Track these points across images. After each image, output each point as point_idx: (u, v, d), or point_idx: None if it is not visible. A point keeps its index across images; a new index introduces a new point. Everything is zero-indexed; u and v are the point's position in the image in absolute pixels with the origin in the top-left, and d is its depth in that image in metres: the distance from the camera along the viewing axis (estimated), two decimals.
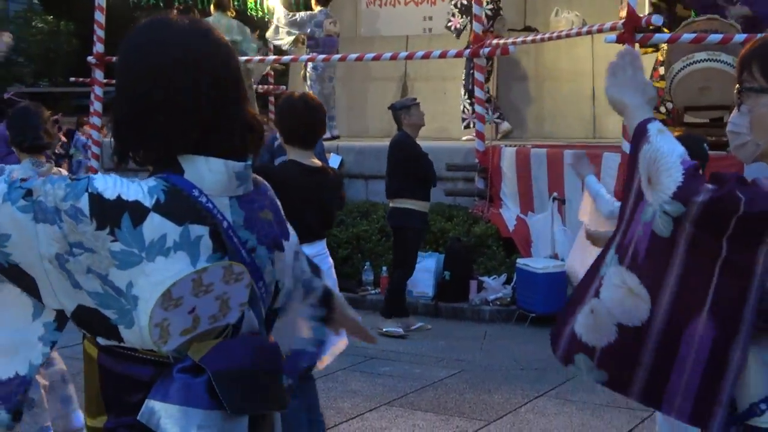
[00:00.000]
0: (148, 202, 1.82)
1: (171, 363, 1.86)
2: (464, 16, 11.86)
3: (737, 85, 2.18)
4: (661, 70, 9.96)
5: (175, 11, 2.03)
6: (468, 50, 10.85)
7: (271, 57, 13.02)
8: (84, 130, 21.64)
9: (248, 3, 15.81)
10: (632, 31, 8.42)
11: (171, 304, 1.80)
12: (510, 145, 10.30)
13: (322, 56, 12.10)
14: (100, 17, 12.23)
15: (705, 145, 4.57)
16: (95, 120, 12.60)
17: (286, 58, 12.81)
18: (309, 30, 12.74)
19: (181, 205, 1.85)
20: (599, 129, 12.53)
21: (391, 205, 8.21)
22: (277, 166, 5.02)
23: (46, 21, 48.86)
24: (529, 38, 10.83)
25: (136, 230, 1.80)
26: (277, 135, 5.24)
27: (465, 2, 11.66)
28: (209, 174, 1.90)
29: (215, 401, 1.84)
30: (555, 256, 8.72)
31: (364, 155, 11.02)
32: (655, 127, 2.07)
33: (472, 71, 11.52)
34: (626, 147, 8.10)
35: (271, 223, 2.07)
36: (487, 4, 11.39)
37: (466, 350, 7.75)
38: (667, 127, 2.17)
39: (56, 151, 21.09)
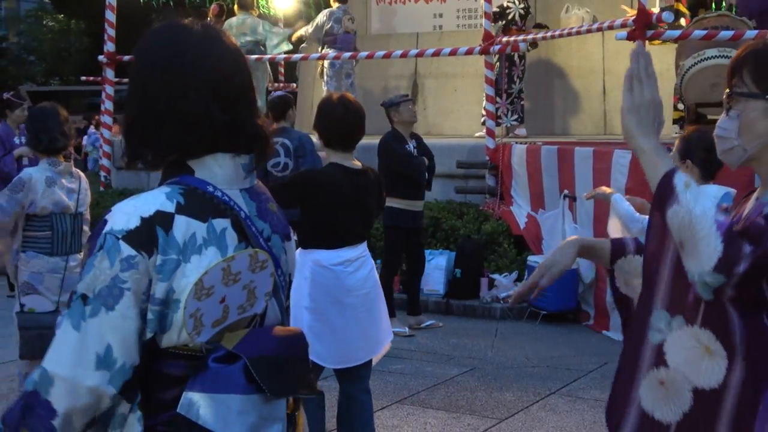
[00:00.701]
0: (170, 208, 1.87)
1: (204, 355, 1.89)
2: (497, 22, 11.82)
3: (727, 90, 2.18)
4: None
5: (190, 18, 2.05)
6: (478, 48, 10.85)
7: (298, 56, 13.01)
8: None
9: (259, 2, 15.85)
10: (643, 27, 8.41)
11: (203, 294, 1.85)
12: (520, 143, 10.30)
13: (332, 53, 12.11)
14: (111, 16, 12.28)
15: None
16: (106, 119, 12.65)
17: (298, 56, 12.83)
18: (327, 26, 12.71)
19: (201, 203, 1.90)
20: (610, 126, 12.51)
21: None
22: (321, 170, 4.98)
23: (57, 20, 49.00)
24: (540, 35, 10.82)
25: (169, 237, 1.85)
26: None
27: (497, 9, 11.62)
28: (219, 169, 1.95)
29: (252, 386, 1.87)
30: None
31: (373, 153, 10.99)
32: (681, 182, 2.01)
33: (506, 69, 11.55)
34: None
35: (279, 214, 2.12)
36: (520, 3, 11.38)
37: (477, 348, 7.76)
38: (684, 123, 2.17)
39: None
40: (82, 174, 5.83)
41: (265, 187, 2.14)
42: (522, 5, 11.44)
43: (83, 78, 20.23)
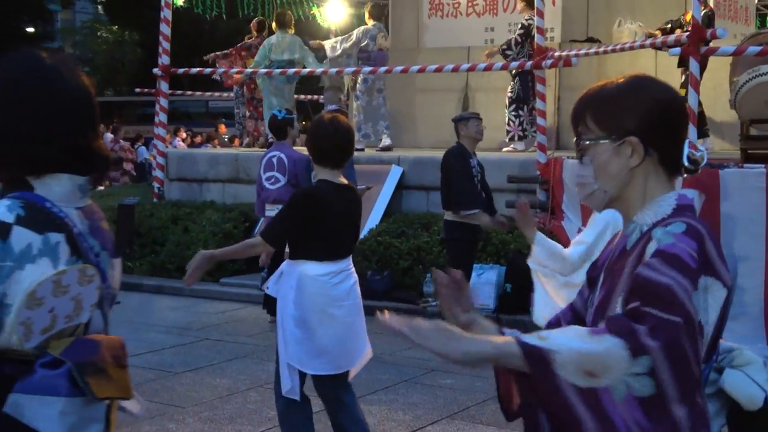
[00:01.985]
0: (9, 219, 2.09)
1: (32, 360, 2.10)
2: (518, 48, 11.83)
3: (575, 138, 2.23)
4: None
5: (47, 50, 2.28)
6: (530, 62, 10.85)
7: (333, 69, 13.12)
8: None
9: (313, 14, 16.00)
10: (697, 43, 8.37)
11: (34, 304, 2.06)
12: (572, 157, 10.27)
13: (383, 68, 12.20)
14: (165, 29, 12.45)
15: None
16: (160, 131, 12.81)
17: (349, 69, 12.91)
18: (363, 43, 13.03)
19: (39, 216, 2.13)
20: None
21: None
22: (313, 187, 5.17)
23: (111, 31, 49.72)
24: (592, 50, 10.80)
25: (5, 244, 2.07)
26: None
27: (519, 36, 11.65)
28: (57, 187, 2.18)
29: (75, 390, 2.09)
30: None
31: (425, 167, 11.05)
32: (534, 337, 1.91)
33: (530, 83, 11.57)
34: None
35: (109, 232, 2.36)
36: (529, 18, 11.39)
37: None
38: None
39: (120, 155, 21.44)
40: None
41: (97, 207, 2.36)
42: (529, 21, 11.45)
43: (137, 90, 20.60)
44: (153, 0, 17.84)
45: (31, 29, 44.63)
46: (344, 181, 5.05)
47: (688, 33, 8.56)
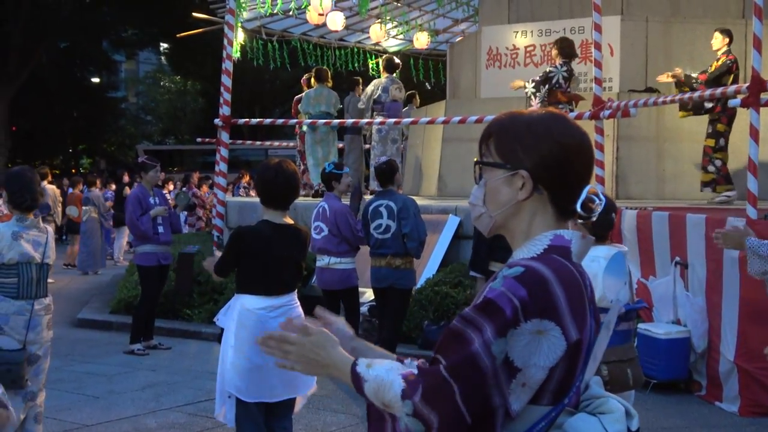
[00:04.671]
0: None
1: None
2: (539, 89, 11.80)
3: (475, 158, 2.27)
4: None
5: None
6: (588, 112, 10.84)
7: (364, 121, 13.32)
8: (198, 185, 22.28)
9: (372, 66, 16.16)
10: (757, 94, 8.30)
11: None
12: (630, 208, 10.20)
13: (426, 119, 12.27)
14: (227, 81, 12.64)
15: None
16: (220, 180, 12.97)
17: (364, 121, 13.03)
18: (376, 95, 13.63)
19: None
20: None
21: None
22: (250, 226, 5.61)
23: (173, 81, 50.65)
24: (651, 101, 10.75)
25: None
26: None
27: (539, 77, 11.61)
28: None
29: None
30: (677, 322, 8.55)
31: None
32: (363, 365, 2.14)
33: None
34: (751, 211, 7.96)
35: None
36: (562, 66, 11.33)
37: None
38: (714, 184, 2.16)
39: (194, 202, 21.66)
40: (49, 228, 6.34)
41: None
42: (564, 68, 11.38)
43: (198, 140, 20.90)
44: (214, 51, 18.20)
45: (96, 79, 45.66)
46: (288, 221, 5.47)
47: (748, 85, 8.49)
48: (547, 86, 11.24)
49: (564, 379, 2.08)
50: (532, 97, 11.43)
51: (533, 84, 11.30)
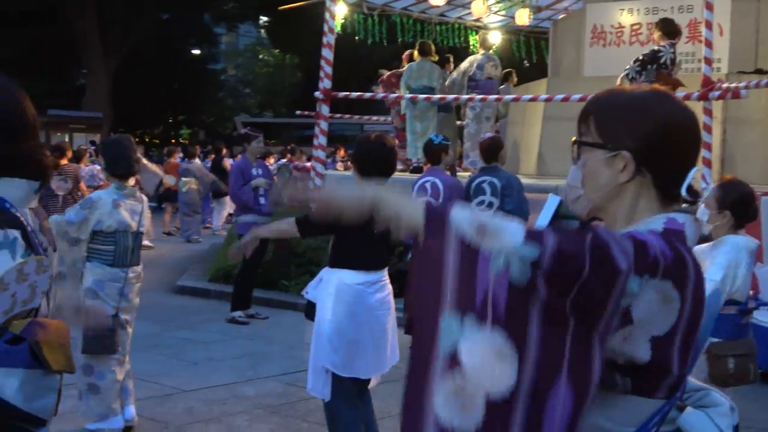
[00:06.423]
0: None
1: None
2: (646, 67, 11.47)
3: (573, 138, 2.12)
4: None
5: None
6: (696, 93, 10.56)
7: (478, 96, 13.16)
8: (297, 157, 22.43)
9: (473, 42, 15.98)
10: None
11: (1, 289, 2.37)
12: None
13: (528, 96, 12.12)
14: (328, 54, 12.67)
15: None
16: (319, 153, 13.02)
17: (464, 97, 12.96)
18: (471, 72, 13.39)
19: (0, 215, 2.44)
20: None
21: None
22: None
23: (272, 54, 51.11)
24: (764, 82, 10.42)
25: None
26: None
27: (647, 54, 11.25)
28: (14, 190, 2.51)
29: (34, 363, 2.41)
30: None
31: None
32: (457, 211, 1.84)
33: None
34: None
35: (51, 231, 2.69)
36: (671, 48, 10.98)
37: None
38: None
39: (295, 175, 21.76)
40: (144, 197, 6.38)
41: (41, 209, 2.71)
42: (672, 50, 11.03)
43: (297, 112, 21.01)
44: (314, 25, 18.25)
45: (196, 51, 46.29)
46: None
47: None
48: (654, 65, 10.94)
49: (679, 370, 1.96)
50: (636, 77, 11.15)
51: (638, 63, 11.00)
